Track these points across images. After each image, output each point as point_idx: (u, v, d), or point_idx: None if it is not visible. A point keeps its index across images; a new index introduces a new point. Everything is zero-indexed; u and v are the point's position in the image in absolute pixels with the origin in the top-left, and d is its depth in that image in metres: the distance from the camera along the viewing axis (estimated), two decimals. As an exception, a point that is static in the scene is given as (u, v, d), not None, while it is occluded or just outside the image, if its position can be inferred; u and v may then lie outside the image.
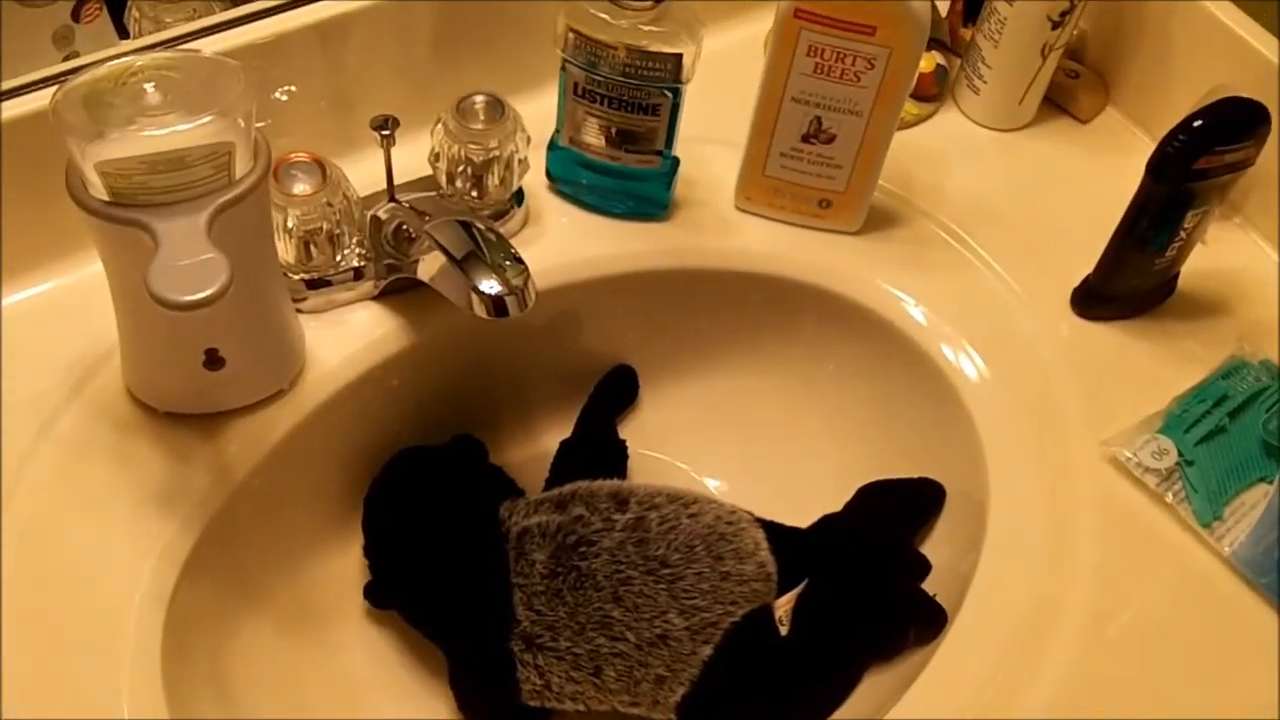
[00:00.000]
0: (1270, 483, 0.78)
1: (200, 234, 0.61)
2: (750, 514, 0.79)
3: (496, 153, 0.79)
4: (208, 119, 0.61)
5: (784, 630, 0.76)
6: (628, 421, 0.91)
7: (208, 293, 0.58)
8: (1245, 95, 0.83)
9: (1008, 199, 0.91)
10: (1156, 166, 0.76)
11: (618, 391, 0.90)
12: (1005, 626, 0.72)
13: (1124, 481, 0.78)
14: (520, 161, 0.81)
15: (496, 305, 0.71)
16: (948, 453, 0.82)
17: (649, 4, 0.75)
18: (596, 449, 0.88)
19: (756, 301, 0.87)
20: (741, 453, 0.90)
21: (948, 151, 0.93)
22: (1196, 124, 0.75)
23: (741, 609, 0.75)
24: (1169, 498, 0.77)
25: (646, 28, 0.76)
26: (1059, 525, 0.76)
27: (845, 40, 0.76)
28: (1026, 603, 0.73)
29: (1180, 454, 0.78)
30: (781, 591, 0.78)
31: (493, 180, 0.80)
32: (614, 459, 0.88)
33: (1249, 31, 0.87)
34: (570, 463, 0.86)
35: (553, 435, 0.88)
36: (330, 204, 0.75)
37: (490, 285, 0.71)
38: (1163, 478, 0.77)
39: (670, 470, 0.90)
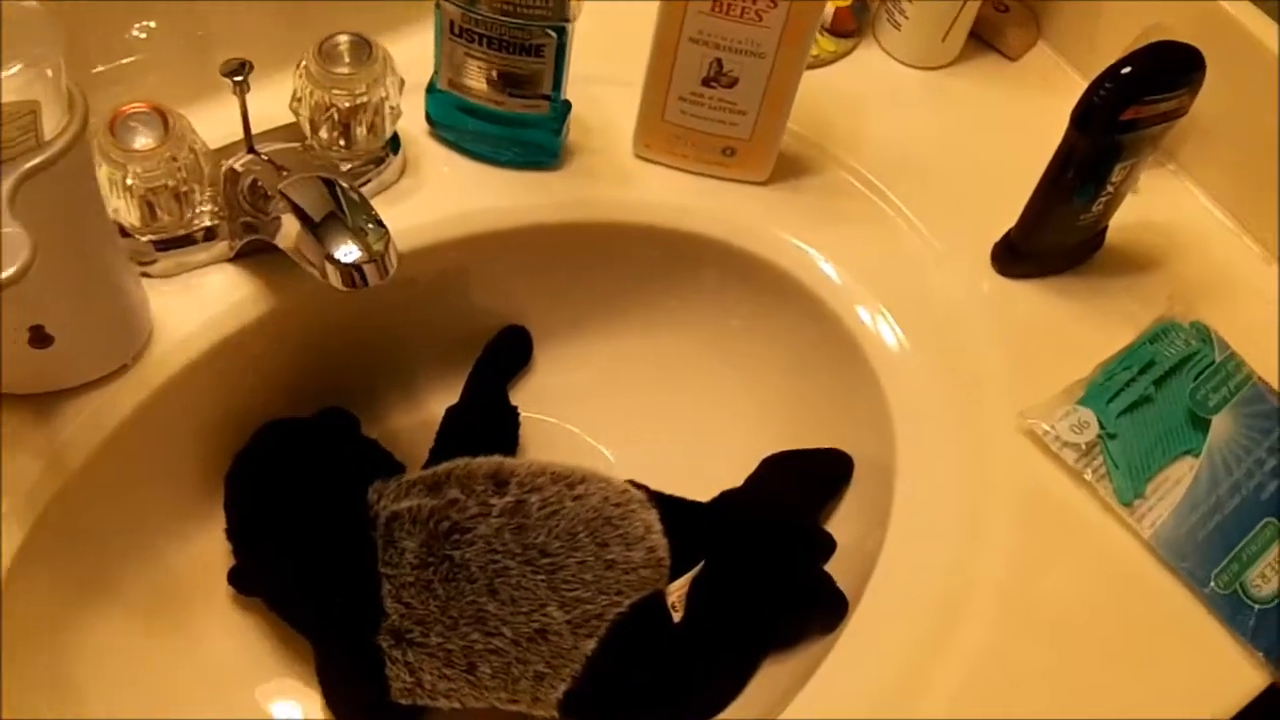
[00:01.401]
0: (1196, 456, 0.73)
1: (-3, 206, 0.54)
2: (643, 493, 0.73)
3: (364, 98, 0.72)
4: (8, 73, 0.54)
5: (677, 617, 0.71)
6: (520, 385, 0.85)
7: (5, 274, 0.52)
8: (1181, 37, 0.77)
9: (928, 145, 0.84)
10: (1081, 117, 0.70)
11: (509, 354, 0.84)
12: (911, 612, 0.68)
13: (1042, 456, 0.73)
14: (392, 108, 0.74)
15: (352, 274, 0.65)
16: (857, 421, 0.77)
17: (526, -65, 0.68)
18: (486, 416, 0.82)
19: (656, 257, 0.81)
20: (640, 418, 0.84)
21: (866, 92, 0.87)
22: (1124, 71, 0.68)
23: (628, 599, 0.69)
24: (1088, 475, 0.72)
25: (523, -39, 0.69)
26: (970, 504, 0.71)
27: (745, -25, 0.69)
28: (934, 588, 0.68)
29: (1102, 427, 0.73)
30: (677, 575, 0.73)
31: (361, 129, 0.73)
32: (505, 426, 0.82)
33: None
34: (457, 431, 0.80)
35: (439, 401, 0.82)
36: (175, 159, 0.68)
37: (347, 251, 0.64)
38: (1082, 453, 0.72)
39: (565, 436, 0.84)
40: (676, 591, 0.71)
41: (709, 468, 0.80)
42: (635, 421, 0.84)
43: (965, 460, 0.72)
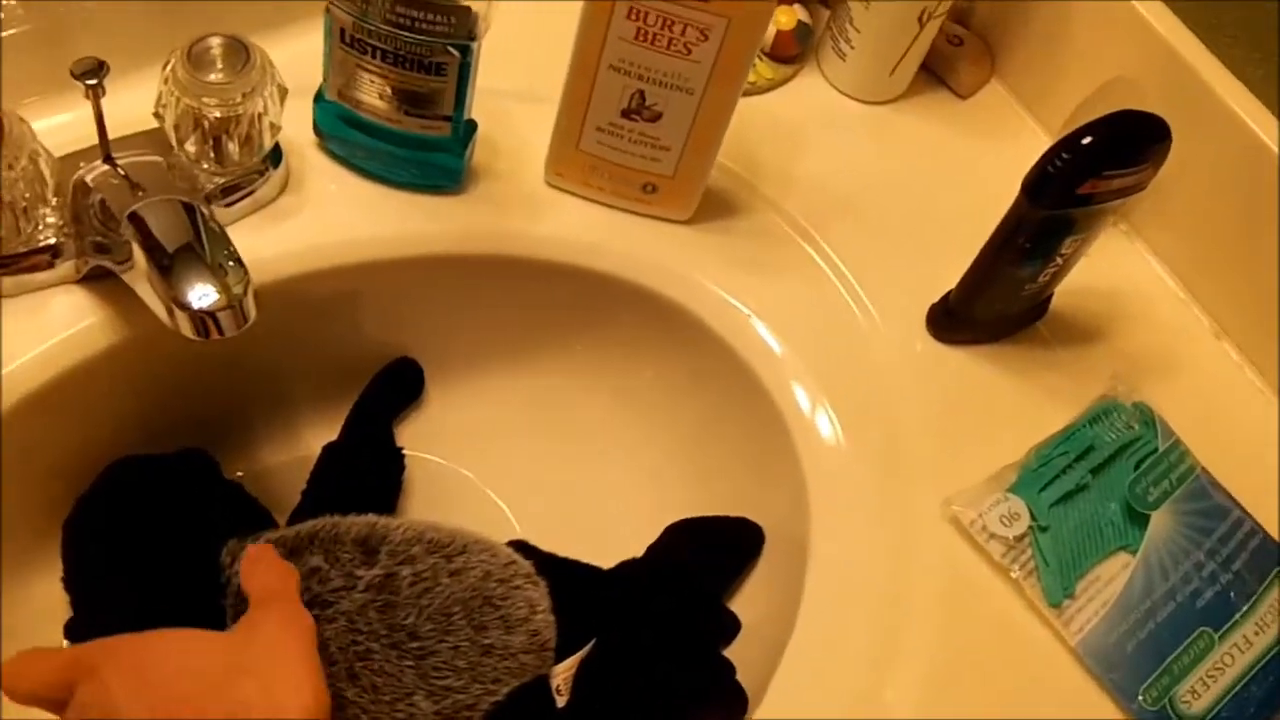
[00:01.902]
0: (1132, 553, 0.68)
1: None
2: (531, 563, 0.66)
3: (239, 110, 0.64)
4: None
5: (561, 702, 0.65)
6: (409, 421, 0.77)
7: None
8: (1146, 94, 0.72)
9: (867, 187, 0.77)
10: (1033, 188, 0.63)
11: (397, 388, 0.77)
12: (818, 713, 0.62)
13: (967, 547, 0.67)
14: (271, 124, 0.66)
15: (205, 322, 0.57)
16: (771, 493, 0.71)
17: (428, -58, 0.60)
18: (368, 455, 0.74)
19: (565, 296, 0.74)
20: (539, 467, 0.77)
21: (804, 125, 0.79)
22: (1084, 142, 0.62)
23: (506, 686, 0.63)
24: (1015, 572, 0.66)
25: (425, -29, 0.61)
26: (887, 595, 0.65)
27: (674, 4, 0.61)
28: (843, 688, 0.62)
29: (1033, 518, 0.67)
30: (567, 653, 0.66)
31: (233, 143, 0.65)
32: (388, 468, 0.75)
33: (1158, 19, 0.73)
34: (335, 471, 0.73)
35: (318, 437, 0.74)
36: (11, 168, 0.60)
37: (202, 294, 0.57)
38: (1010, 546, 0.67)
39: (456, 481, 0.77)
40: (562, 674, 0.65)
41: (609, 526, 0.74)
42: (533, 470, 0.77)
43: (885, 548, 0.66)
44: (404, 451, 0.75)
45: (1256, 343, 0.77)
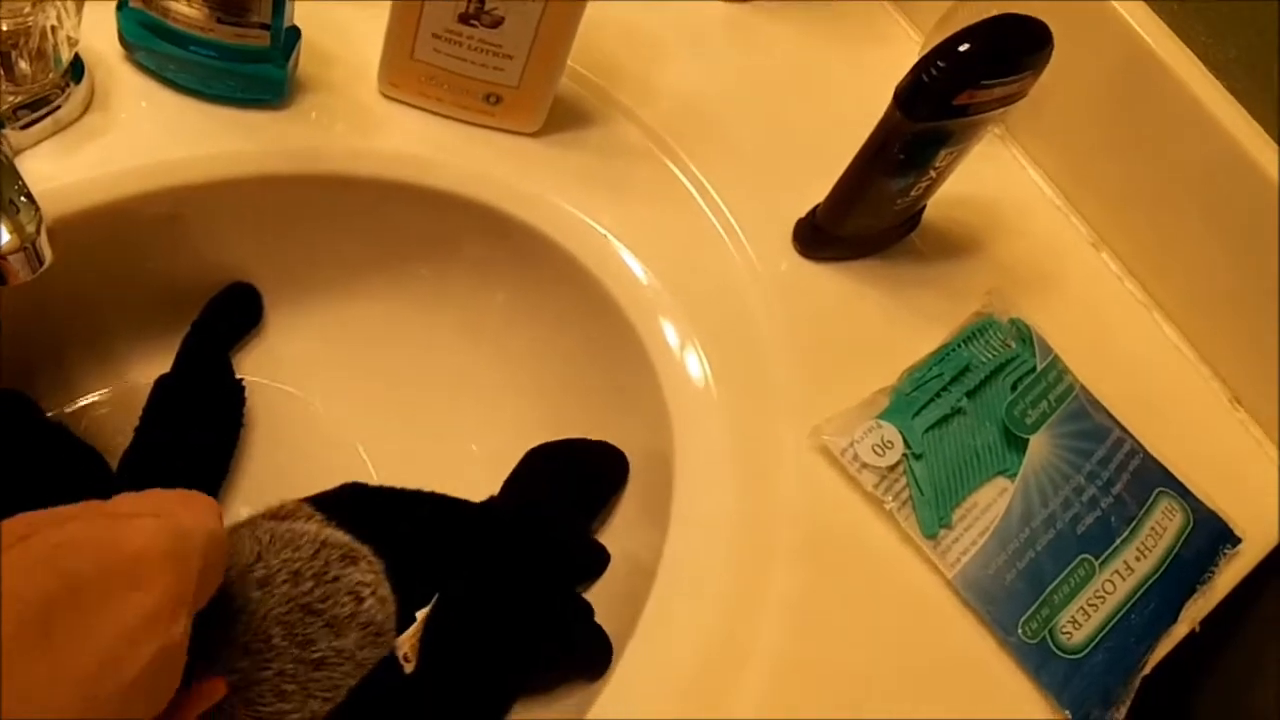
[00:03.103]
0: (1011, 477, 0.65)
1: None
2: (345, 536, 0.59)
3: (28, 20, 0.57)
4: None
5: (409, 668, 0.60)
6: (249, 350, 0.71)
7: None
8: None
9: (730, 97, 0.72)
10: (907, 99, 0.59)
11: (233, 315, 0.70)
12: (681, 661, 0.58)
13: (838, 478, 0.63)
14: (68, 38, 0.59)
15: (-9, 268, 0.51)
16: (632, 423, 0.67)
17: None
18: (204, 388, 0.68)
19: (403, 216, 0.67)
20: (386, 398, 0.71)
21: (664, 27, 0.74)
22: (962, 49, 0.57)
23: (348, 688, 0.58)
24: (889, 502, 0.63)
25: None
26: (752, 533, 0.61)
27: (511, -100, 0.56)
28: (708, 627, 0.59)
29: (907, 446, 0.64)
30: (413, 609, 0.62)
31: (24, 61, 0.58)
32: (227, 401, 0.68)
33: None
34: (169, 406, 0.66)
35: (146, 371, 0.67)
36: None
37: (-11, 236, 0.51)
38: (883, 476, 0.63)
39: (301, 413, 0.71)
40: (408, 641, 0.61)
41: (464, 459, 0.69)
42: (381, 403, 0.71)
43: (752, 481, 0.62)
44: (244, 381, 0.69)
45: (1136, 252, 0.74)
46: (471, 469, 0.70)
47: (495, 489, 0.69)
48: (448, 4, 0.61)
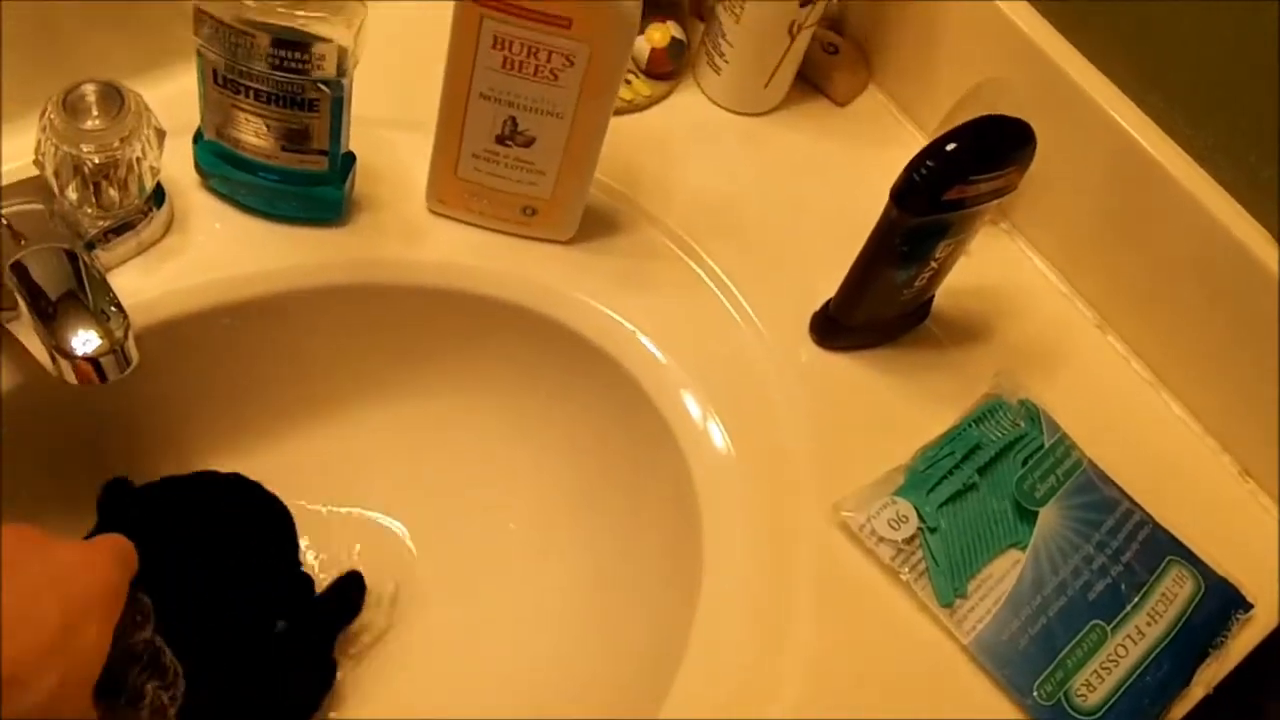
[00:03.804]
0: (1023, 549, 0.69)
1: None
2: None
3: (116, 155, 0.64)
4: None
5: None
6: (297, 451, 0.77)
7: None
8: (1016, 93, 0.73)
9: (746, 198, 0.78)
10: (901, 195, 0.64)
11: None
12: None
13: (856, 552, 0.68)
14: (151, 168, 0.66)
15: (86, 369, 0.58)
16: (661, 505, 0.72)
17: (289, -19, 0.61)
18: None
19: (450, 320, 0.74)
20: (435, 479, 0.78)
21: (683, 140, 0.80)
22: (949, 148, 0.63)
23: None
24: (905, 574, 0.67)
25: (288, 10, 0.61)
26: (776, 603, 0.66)
27: (536, 33, 0.62)
28: (736, 696, 0.63)
29: (921, 520, 0.68)
30: None
31: (113, 188, 0.65)
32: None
33: (1024, 19, 0.75)
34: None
35: (219, 462, 0.72)
36: (-109, 223, 0.60)
37: (85, 340, 0.58)
38: (899, 549, 0.68)
39: (362, 492, 0.77)
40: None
41: (504, 532, 0.74)
42: (426, 494, 0.77)
43: (776, 554, 0.67)
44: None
45: (1141, 333, 0.78)
46: (509, 545, 0.75)
47: (532, 564, 0.75)
48: (485, 127, 0.68)
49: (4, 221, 0.62)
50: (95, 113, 0.64)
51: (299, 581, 0.71)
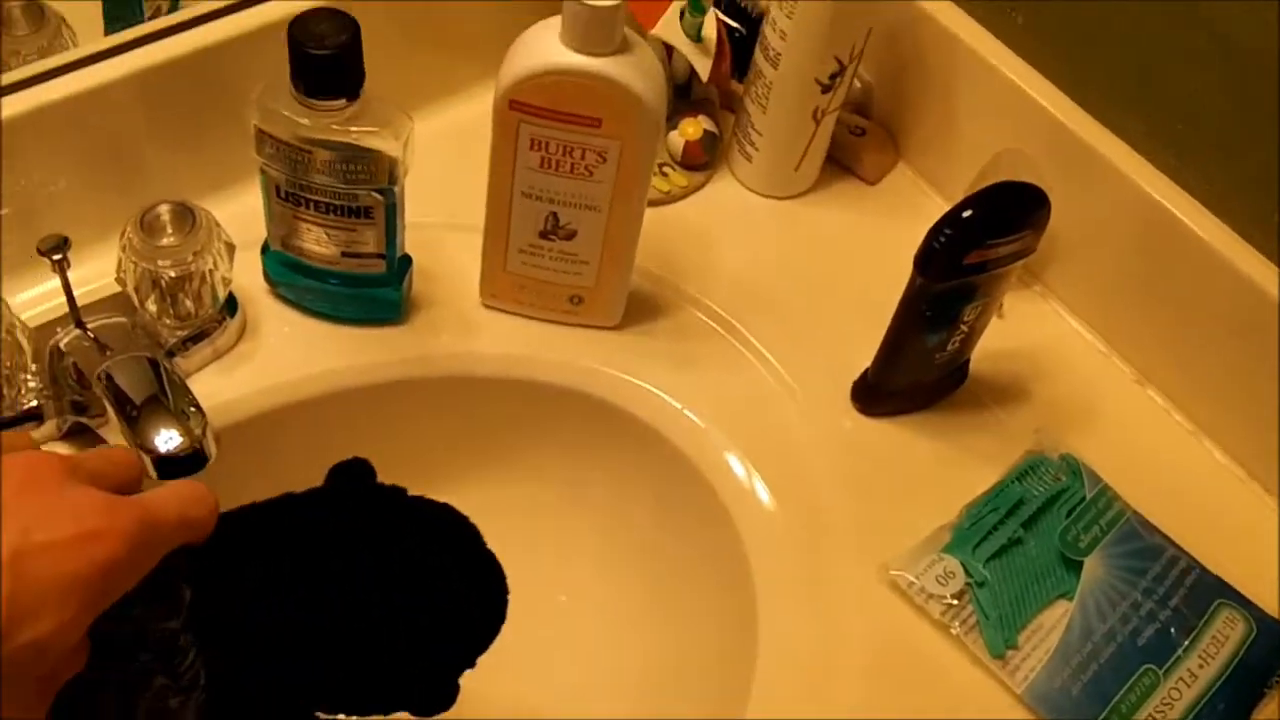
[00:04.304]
0: (1070, 599, 0.71)
1: None
2: None
3: (190, 268, 0.69)
4: None
5: None
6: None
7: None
8: (1034, 160, 0.76)
9: (784, 277, 0.82)
10: (923, 263, 0.67)
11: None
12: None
13: (907, 609, 0.70)
14: (223, 279, 0.71)
15: (169, 465, 0.62)
16: (718, 573, 0.74)
17: (341, 102, 0.66)
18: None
19: (507, 408, 0.78)
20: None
21: (720, 225, 0.84)
22: (965, 215, 0.66)
23: None
24: (955, 628, 0.69)
25: (342, 127, 0.66)
26: (832, 661, 0.68)
27: (570, 133, 0.67)
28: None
29: (969, 575, 0.70)
30: None
31: (188, 299, 0.71)
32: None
33: (1033, 86, 0.79)
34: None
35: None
36: (-9, 344, 0.66)
37: (167, 438, 0.62)
38: (949, 604, 0.70)
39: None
40: None
41: (555, 605, 0.77)
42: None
43: (829, 612, 0.69)
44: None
45: (1180, 385, 0.80)
46: (559, 617, 0.78)
47: (583, 634, 0.78)
48: (529, 223, 0.72)
49: (91, 335, 0.68)
50: (170, 231, 0.70)
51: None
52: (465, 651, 0.69)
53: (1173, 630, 0.71)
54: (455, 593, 0.69)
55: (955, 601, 0.70)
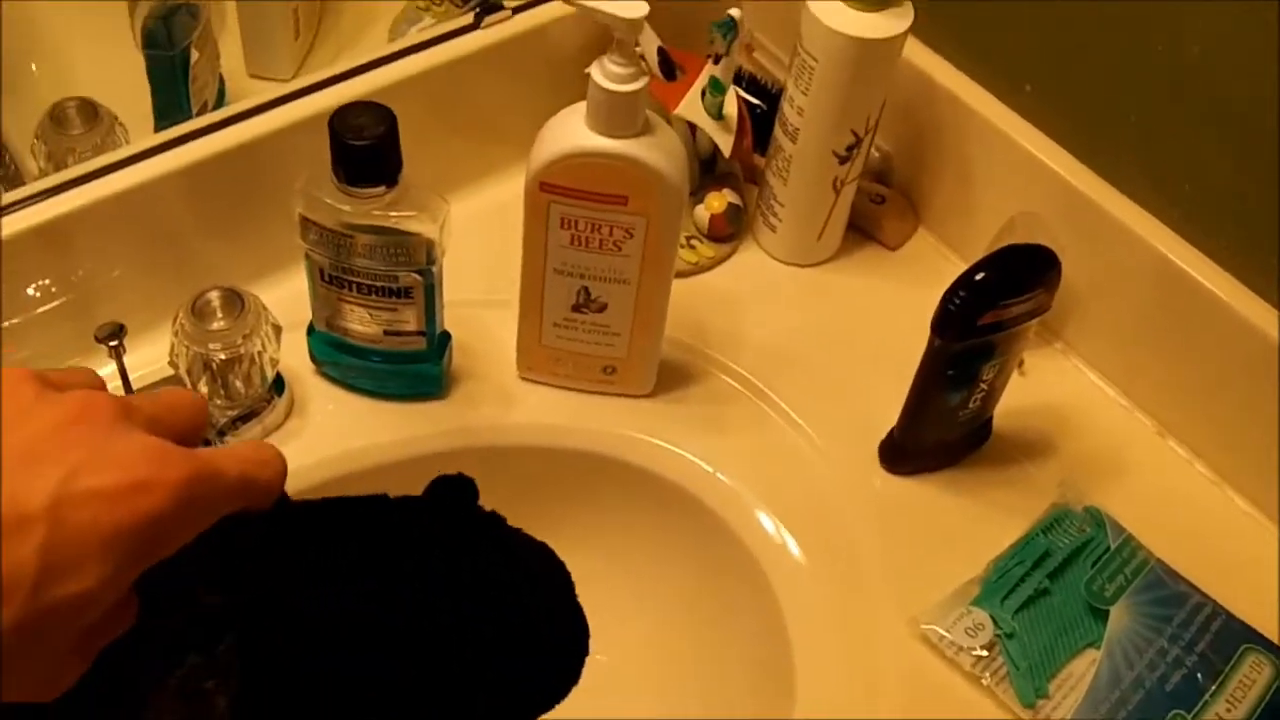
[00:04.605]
0: (1098, 648, 0.72)
1: None
2: None
3: (239, 351, 0.73)
4: None
5: None
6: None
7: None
8: (1048, 222, 0.79)
9: (810, 342, 0.85)
10: (940, 325, 0.70)
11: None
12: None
13: (938, 661, 0.72)
14: (271, 360, 0.75)
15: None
16: (753, 627, 0.76)
17: (381, 189, 0.69)
18: None
19: (547, 476, 0.80)
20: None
21: (747, 294, 0.87)
22: (978, 278, 0.69)
23: None
24: (986, 679, 0.71)
25: (381, 212, 0.70)
26: (865, 714, 0.70)
27: (598, 211, 0.70)
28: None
29: (998, 627, 0.72)
30: None
31: (238, 381, 0.74)
32: None
33: (1044, 151, 0.81)
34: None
35: None
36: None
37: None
38: (979, 656, 0.71)
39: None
40: None
41: (593, 664, 0.78)
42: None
43: (861, 665, 0.71)
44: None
45: (1201, 436, 0.82)
46: (600, 675, 0.80)
47: (624, 691, 0.79)
48: (562, 298, 0.75)
49: (145, 418, 0.71)
50: (220, 315, 0.73)
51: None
52: (527, 707, 0.66)
53: (1200, 675, 0.72)
54: (533, 637, 0.62)
55: (985, 653, 0.72)
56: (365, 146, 0.68)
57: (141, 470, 0.41)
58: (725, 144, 0.84)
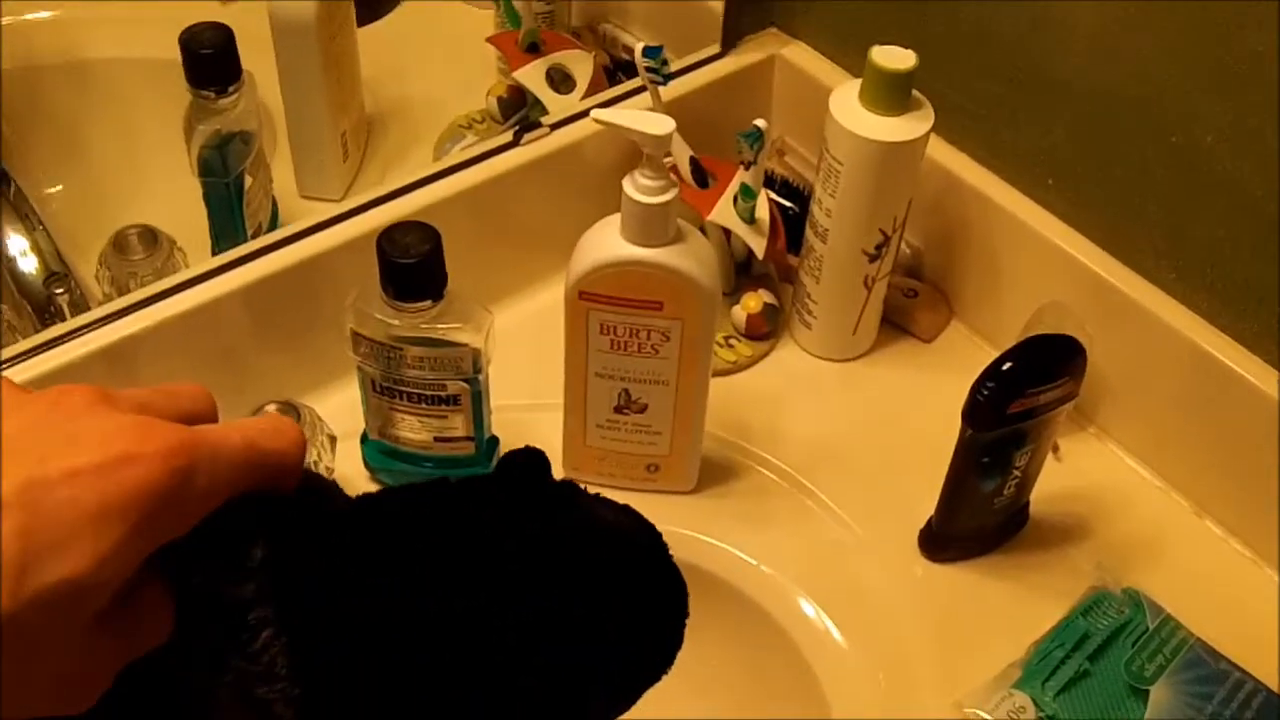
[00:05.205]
0: (1141, 728, 0.74)
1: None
2: None
3: (297, 461, 0.76)
4: None
5: None
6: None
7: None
8: (1077, 309, 0.81)
9: (848, 435, 0.87)
10: (970, 415, 0.72)
11: None
12: None
13: (983, 745, 0.73)
14: (326, 469, 0.78)
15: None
16: (799, 713, 0.78)
17: (427, 303, 0.73)
18: None
19: (596, 572, 0.83)
20: None
21: (785, 390, 0.90)
22: (1005, 368, 0.71)
23: None
24: (1030, 762, 0.72)
25: (429, 325, 0.73)
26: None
27: (635, 317, 0.73)
28: None
29: (1039, 709, 0.73)
30: None
31: (296, 490, 0.77)
32: None
33: (1069, 242, 0.84)
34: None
35: None
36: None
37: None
38: (1023, 738, 0.73)
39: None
40: None
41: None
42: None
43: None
44: None
45: (1237, 515, 0.83)
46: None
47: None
48: (604, 400, 0.78)
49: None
50: (279, 429, 0.76)
51: None
52: (632, 685, 0.57)
53: (1245, 753, 0.73)
54: (629, 615, 0.55)
55: (1029, 735, 0.73)
56: (412, 264, 0.71)
57: (120, 445, 0.39)
58: (758, 247, 0.87)
